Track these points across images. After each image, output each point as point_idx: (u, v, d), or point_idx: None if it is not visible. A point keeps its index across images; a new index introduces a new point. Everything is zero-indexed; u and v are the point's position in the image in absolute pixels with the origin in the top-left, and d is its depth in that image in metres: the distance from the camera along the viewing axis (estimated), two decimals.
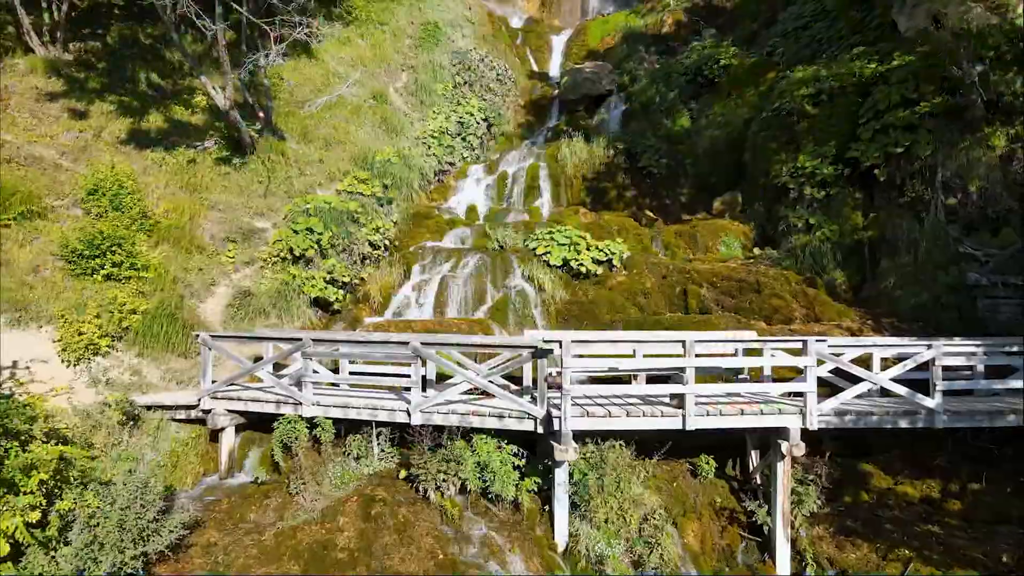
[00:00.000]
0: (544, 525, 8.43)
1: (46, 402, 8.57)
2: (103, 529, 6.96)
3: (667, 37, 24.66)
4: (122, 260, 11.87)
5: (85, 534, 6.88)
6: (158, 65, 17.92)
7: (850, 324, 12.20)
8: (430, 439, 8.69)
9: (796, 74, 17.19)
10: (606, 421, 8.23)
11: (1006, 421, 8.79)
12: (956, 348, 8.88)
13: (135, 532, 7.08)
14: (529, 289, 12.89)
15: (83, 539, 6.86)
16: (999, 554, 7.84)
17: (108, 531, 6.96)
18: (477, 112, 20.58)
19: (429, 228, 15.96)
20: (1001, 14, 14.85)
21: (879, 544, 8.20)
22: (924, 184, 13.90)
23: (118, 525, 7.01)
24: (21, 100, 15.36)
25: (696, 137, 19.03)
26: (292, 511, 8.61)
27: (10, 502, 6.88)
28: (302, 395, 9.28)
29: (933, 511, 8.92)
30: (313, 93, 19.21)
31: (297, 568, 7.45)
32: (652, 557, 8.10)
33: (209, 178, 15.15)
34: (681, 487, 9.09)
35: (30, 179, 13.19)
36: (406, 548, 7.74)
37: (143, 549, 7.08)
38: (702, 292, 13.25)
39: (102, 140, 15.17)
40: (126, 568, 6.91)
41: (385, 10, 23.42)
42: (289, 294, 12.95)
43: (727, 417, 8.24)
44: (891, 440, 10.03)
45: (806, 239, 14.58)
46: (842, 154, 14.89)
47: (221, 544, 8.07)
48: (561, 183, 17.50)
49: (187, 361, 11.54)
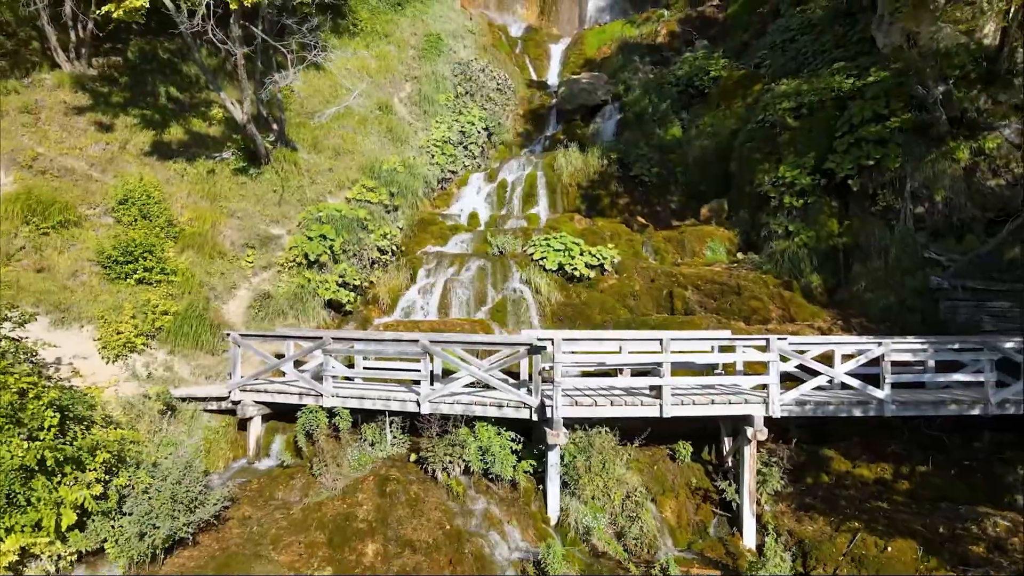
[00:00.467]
0: (538, 501, 9.67)
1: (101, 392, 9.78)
2: (158, 501, 8.20)
3: (661, 47, 25.86)
4: (153, 265, 13.11)
5: (144, 504, 8.12)
6: (176, 79, 19.14)
7: (821, 324, 13.43)
8: (437, 426, 9.92)
9: (780, 87, 18.41)
10: (593, 410, 9.46)
11: (948, 410, 10.03)
12: (903, 345, 10.10)
13: (185, 503, 8.32)
14: (527, 292, 14.11)
15: (143, 509, 8.10)
16: (937, 526, 9.06)
17: (163, 502, 8.20)
18: (478, 121, 21.80)
19: (433, 234, 17.19)
20: (969, 34, 16.07)
21: (833, 518, 9.43)
22: (894, 194, 15.13)
23: (171, 497, 8.25)
24: (51, 114, 16.58)
25: (686, 146, 20.23)
26: (315, 489, 9.85)
27: (79, 478, 8.11)
28: (323, 388, 10.52)
29: (884, 490, 10.16)
30: (322, 104, 20.43)
31: (323, 537, 8.68)
32: (633, 529, 9.33)
33: (227, 187, 16.37)
34: (661, 469, 10.32)
35: (64, 190, 14.43)
36: (417, 520, 8.97)
37: (192, 517, 8.32)
38: (687, 294, 14.47)
39: (127, 152, 16.39)
40: (179, 532, 8.15)
41: (389, 22, 24.64)
42: (305, 296, 14.18)
43: (699, 406, 9.47)
44: (852, 429, 11.24)
45: (786, 244, 15.79)
46: (820, 165, 16.09)
47: (255, 517, 9.31)
48: (558, 191, 18.74)
49: (214, 358, 12.77)
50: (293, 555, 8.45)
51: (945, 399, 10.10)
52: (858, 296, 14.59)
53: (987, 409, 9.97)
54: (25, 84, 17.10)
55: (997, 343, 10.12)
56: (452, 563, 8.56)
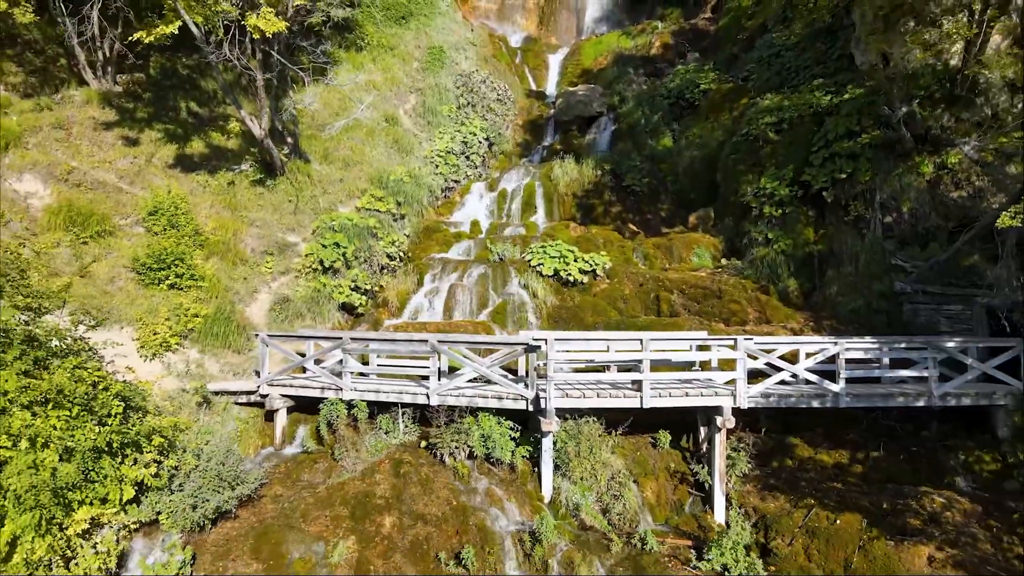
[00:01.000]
0: (533, 482, 11.11)
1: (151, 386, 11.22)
2: (206, 478, 9.65)
3: (655, 59, 27.29)
4: (183, 272, 14.55)
5: (196, 481, 9.57)
6: (195, 94, 20.57)
7: (794, 325, 14.86)
8: (444, 416, 11.37)
9: (764, 103, 19.85)
10: (582, 401, 10.91)
11: (896, 402, 11.48)
12: (857, 345, 11.54)
13: (229, 480, 9.78)
14: (525, 296, 15.55)
15: (194, 485, 9.56)
16: (882, 503, 10.50)
17: (209, 480, 9.65)
18: (479, 132, 23.23)
19: (438, 241, 18.62)
20: (936, 56, 17.49)
21: (793, 497, 10.87)
22: (865, 205, 16.56)
23: (217, 475, 9.71)
24: (81, 129, 18.00)
25: (677, 156, 21.67)
26: (337, 472, 11.30)
27: (137, 459, 9.56)
28: (342, 383, 11.97)
29: (840, 473, 11.61)
30: (331, 117, 21.87)
31: (346, 511, 10.13)
32: (616, 506, 10.78)
33: (247, 198, 17.81)
34: (643, 455, 11.77)
35: (99, 202, 15.87)
36: (428, 497, 10.42)
37: (235, 493, 9.78)
38: (672, 298, 15.91)
39: (153, 165, 17.83)
40: (225, 505, 9.61)
41: (394, 36, 26.07)
42: (321, 300, 15.62)
43: (675, 398, 10.91)
44: (816, 419, 12.68)
45: (765, 251, 17.22)
46: (798, 177, 17.52)
47: (285, 495, 10.77)
48: (554, 200, 20.17)
49: (240, 356, 14.22)
50: (321, 526, 9.90)
51: (894, 392, 11.55)
52: (830, 299, 16.02)
53: (931, 401, 11.41)
54: (56, 101, 18.52)
55: (940, 343, 11.56)
56: (458, 533, 10.01)
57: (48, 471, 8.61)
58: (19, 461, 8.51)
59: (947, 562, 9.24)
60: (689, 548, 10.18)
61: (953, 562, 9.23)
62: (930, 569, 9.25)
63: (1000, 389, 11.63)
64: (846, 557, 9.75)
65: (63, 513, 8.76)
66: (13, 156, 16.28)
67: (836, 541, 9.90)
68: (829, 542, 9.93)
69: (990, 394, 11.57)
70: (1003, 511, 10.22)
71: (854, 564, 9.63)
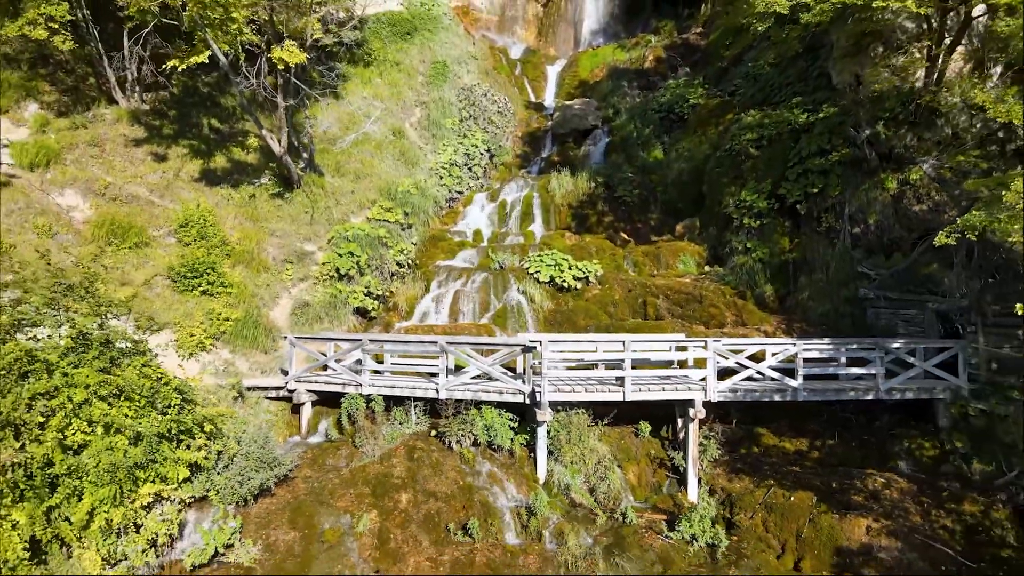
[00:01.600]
0: (530, 465, 12.92)
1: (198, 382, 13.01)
2: (249, 460, 11.47)
3: (648, 72, 29.06)
4: (214, 279, 16.35)
5: (240, 463, 11.38)
6: (215, 111, 22.35)
7: (767, 328, 16.65)
8: (452, 408, 13.16)
9: (746, 119, 21.60)
10: (571, 395, 12.71)
11: (848, 396, 13.28)
12: (814, 345, 13.33)
13: (268, 463, 11.59)
14: (523, 301, 17.34)
15: (238, 466, 11.37)
16: (831, 483, 12.29)
17: (252, 461, 11.46)
18: (481, 144, 25.01)
19: (443, 249, 20.41)
20: (903, 79, 19.25)
21: (755, 478, 12.67)
22: (835, 217, 18.33)
23: (258, 458, 11.51)
24: (113, 146, 19.78)
25: (666, 168, 23.45)
26: (358, 457, 13.10)
27: (190, 444, 11.36)
28: (361, 379, 13.77)
29: (799, 458, 13.41)
30: (342, 130, 23.66)
31: (368, 489, 11.93)
32: (602, 486, 12.59)
33: (267, 210, 19.61)
34: (626, 443, 13.58)
35: (134, 214, 17.66)
36: (438, 477, 12.23)
37: (272, 473, 11.59)
38: (658, 302, 17.69)
39: (180, 179, 19.62)
40: (266, 483, 11.42)
41: (400, 51, 27.85)
42: (337, 304, 17.41)
43: (653, 392, 12.71)
44: (782, 412, 14.47)
45: (745, 259, 18.98)
46: (775, 190, 19.29)
47: (314, 476, 12.58)
48: (551, 210, 21.96)
49: (267, 356, 16.03)
50: (347, 502, 11.71)
51: (847, 387, 13.35)
52: (803, 304, 17.82)
53: (878, 395, 13.21)
54: (89, 119, 20.28)
55: (886, 344, 13.35)
56: (465, 508, 11.82)
57: (121, 452, 10.42)
58: (97, 444, 10.32)
59: (881, 531, 11.04)
60: (663, 522, 11.98)
61: (887, 531, 11.03)
62: (867, 538, 11.05)
63: (940, 385, 13.42)
64: (798, 528, 11.55)
65: (131, 489, 10.57)
66: (55, 172, 18.08)
67: (790, 515, 11.70)
68: (784, 516, 11.72)
69: (931, 389, 13.36)
70: (935, 490, 12.02)
71: (804, 534, 11.43)
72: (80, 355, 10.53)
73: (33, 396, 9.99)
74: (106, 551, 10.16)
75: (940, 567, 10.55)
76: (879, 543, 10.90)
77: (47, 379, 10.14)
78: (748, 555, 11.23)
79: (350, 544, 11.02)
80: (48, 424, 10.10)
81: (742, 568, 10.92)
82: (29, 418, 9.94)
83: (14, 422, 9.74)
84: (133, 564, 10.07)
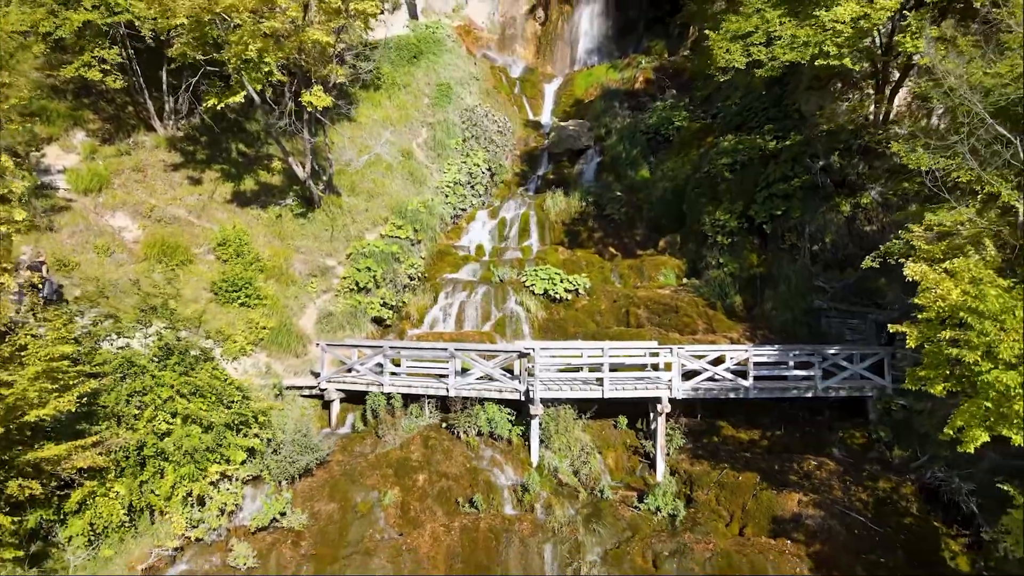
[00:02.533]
0: (525, 452, 15.87)
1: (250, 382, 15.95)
2: (295, 446, 14.43)
3: (638, 93, 31.94)
4: (251, 293, 19.29)
5: (287, 448, 14.34)
6: (242, 136, 25.26)
7: (734, 335, 19.57)
8: (460, 404, 16.11)
9: (723, 144, 24.48)
10: (559, 393, 15.67)
11: (791, 393, 16.25)
12: (763, 351, 16.27)
13: (310, 448, 14.56)
14: (520, 311, 20.28)
15: (286, 451, 14.34)
16: (774, 465, 15.25)
17: (297, 447, 14.43)
18: (482, 163, 27.91)
19: (449, 263, 23.34)
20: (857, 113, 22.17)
21: (712, 462, 15.63)
22: (797, 236, 21.25)
23: (302, 444, 14.48)
24: (154, 171, 22.70)
25: (652, 187, 26.35)
26: (381, 445, 16.06)
27: (248, 432, 14.33)
28: (383, 379, 16.73)
29: (751, 446, 16.37)
30: (355, 152, 26.56)
31: (391, 471, 14.89)
32: (584, 469, 15.55)
33: (292, 228, 22.53)
34: (606, 433, 16.55)
35: (177, 234, 20.59)
36: (449, 461, 15.18)
37: (314, 456, 14.56)
38: (639, 312, 20.62)
39: (214, 201, 22.54)
40: (309, 464, 14.40)
41: (407, 74, 30.74)
42: (357, 314, 20.36)
43: (627, 390, 15.66)
44: (741, 408, 17.37)
45: (718, 273, 21.88)
46: (746, 211, 22.19)
47: (345, 461, 15.54)
48: (546, 226, 24.89)
49: (298, 359, 18.99)
50: (374, 481, 14.67)
51: (791, 386, 16.32)
52: (767, 313, 20.76)
53: (816, 393, 16.17)
54: (131, 145, 23.18)
55: (823, 350, 16.32)
56: (471, 486, 14.78)
57: (196, 439, 13.39)
58: (178, 432, 13.29)
59: (809, 503, 13.99)
60: (634, 497, 14.95)
61: (814, 503, 13.98)
62: (798, 508, 14.00)
63: (868, 384, 16.37)
64: (743, 502, 14.51)
65: (203, 468, 13.54)
66: (106, 196, 21.02)
67: (738, 491, 14.66)
68: (733, 492, 14.69)
69: (861, 388, 16.33)
70: (858, 471, 14.98)
71: (748, 506, 14.39)
72: (164, 361, 13.48)
73: (131, 393, 12.95)
74: (186, 517, 13.13)
75: (854, 531, 13.51)
76: (807, 512, 13.85)
77: (140, 380, 13.10)
78: (702, 523, 14.20)
79: (378, 514, 14.00)
80: (141, 416, 13.08)
81: (696, 532, 13.88)
82: (127, 411, 12.90)
83: (118, 414, 12.70)
84: (210, 526, 13.05)
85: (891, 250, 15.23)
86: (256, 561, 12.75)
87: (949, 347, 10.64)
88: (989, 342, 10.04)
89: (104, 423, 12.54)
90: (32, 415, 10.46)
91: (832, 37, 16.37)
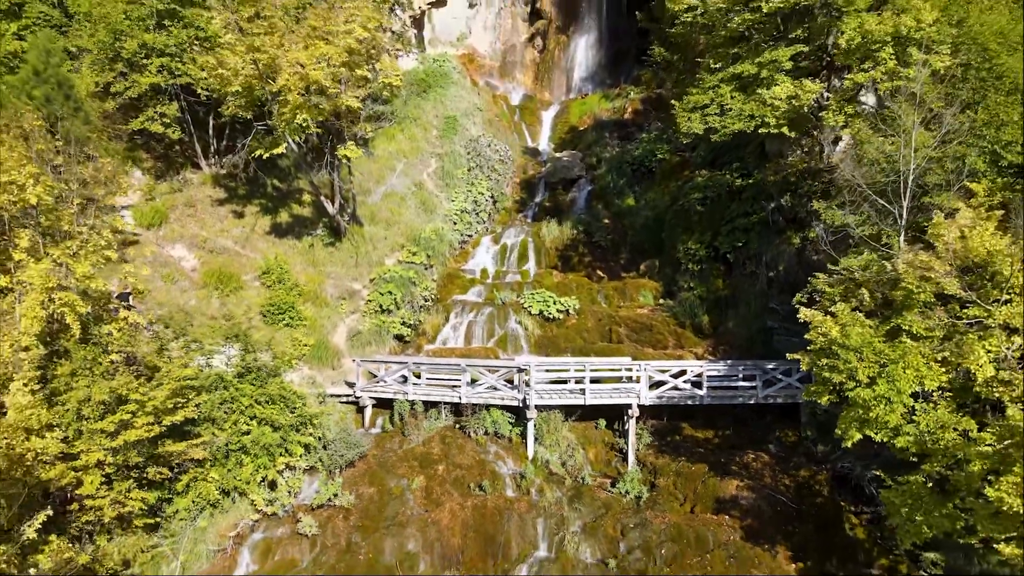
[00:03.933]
0: (522, 448, 20.53)
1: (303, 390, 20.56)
2: (341, 443, 19.10)
3: (627, 123, 36.50)
4: (294, 315, 23.90)
5: (336, 445, 19.00)
6: (275, 172, 29.79)
7: (699, 351, 24.17)
8: (470, 410, 20.76)
9: (697, 178, 29.04)
10: (551, 400, 20.33)
11: (737, 400, 20.90)
12: (714, 366, 20.90)
13: (352, 444, 19.22)
14: (519, 329, 24.89)
15: (335, 447, 19.01)
16: (720, 459, 19.90)
17: (343, 444, 19.09)
18: (486, 191, 32.48)
19: (457, 285, 27.93)
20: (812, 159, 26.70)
21: (673, 456, 20.28)
22: (756, 264, 25.83)
23: (347, 441, 19.15)
24: (203, 206, 27.26)
25: (636, 215, 30.93)
26: (407, 442, 20.71)
27: (304, 432, 18.98)
28: (407, 389, 21.38)
29: (706, 443, 21.03)
30: (373, 184, 31.14)
31: (416, 463, 19.56)
32: (570, 461, 20.23)
33: (322, 256, 27.12)
34: (589, 433, 21.22)
35: (227, 264, 25.19)
36: (462, 455, 19.85)
37: (356, 451, 19.24)
38: (620, 330, 25.23)
39: (256, 232, 27.12)
40: (352, 458, 19.07)
41: (417, 107, 35.27)
42: (381, 332, 24.98)
43: (604, 397, 20.31)
44: (701, 413, 21.99)
45: (688, 295, 26.46)
46: (713, 242, 26.76)
47: (379, 455, 20.22)
48: (542, 252, 29.50)
49: (334, 372, 23.63)
50: (403, 470, 19.34)
51: (738, 395, 20.96)
52: (730, 331, 25.34)
53: (757, 400, 20.81)
54: (180, 182, 27.73)
55: (763, 365, 20.95)
56: (480, 474, 19.46)
57: (268, 436, 18.03)
58: (255, 432, 17.93)
59: (745, 487, 18.63)
60: (609, 483, 19.62)
61: (748, 487, 18.62)
62: (735, 491, 18.64)
63: (799, 393, 20.99)
64: (695, 487, 19.15)
65: (272, 460, 18.20)
66: (165, 230, 25.64)
67: (690, 478, 19.31)
68: (687, 479, 19.34)
69: (794, 395, 20.95)
70: (787, 463, 19.63)
71: (698, 490, 19.04)
72: (244, 376, 18.14)
73: (222, 402, 17.61)
74: (263, 497, 17.80)
75: (777, 508, 18.17)
76: (742, 495, 18.50)
77: (228, 392, 17.75)
78: (661, 503, 18.87)
79: (408, 496, 18.68)
80: (227, 419, 17.73)
81: (655, 510, 18.55)
82: (219, 415, 17.57)
83: (213, 418, 17.36)
84: (282, 503, 17.74)
85: (817, 287, 19.83)
86: (318, 530, 17.44)
87: (828, 371, 15.26)
88: (851, 368, 14.66)
89: (204, 424, 17.19)
90: (167, 421, 15.11)
91: (771, 112, 20.93)
